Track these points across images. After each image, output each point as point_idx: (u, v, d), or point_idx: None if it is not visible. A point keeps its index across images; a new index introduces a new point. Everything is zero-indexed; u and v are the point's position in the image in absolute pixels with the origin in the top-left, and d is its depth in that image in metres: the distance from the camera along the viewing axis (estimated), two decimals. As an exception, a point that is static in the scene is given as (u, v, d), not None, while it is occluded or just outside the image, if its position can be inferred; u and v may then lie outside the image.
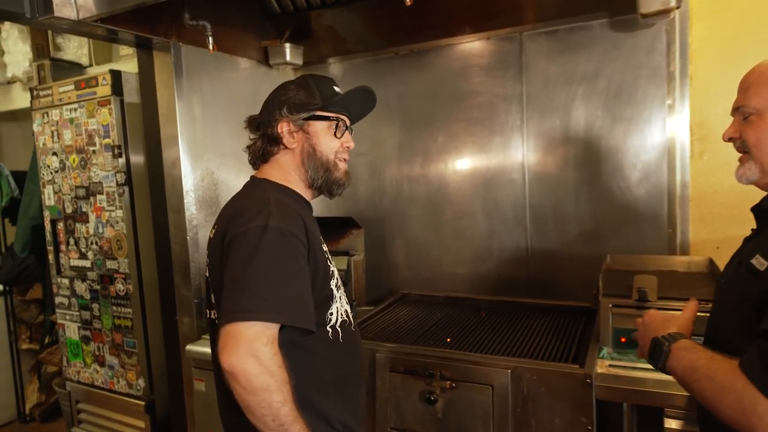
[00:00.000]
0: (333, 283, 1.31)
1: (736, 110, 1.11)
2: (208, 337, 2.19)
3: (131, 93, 2.55)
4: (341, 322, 1.32)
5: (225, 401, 1.29)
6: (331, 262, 1.34)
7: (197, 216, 2.30)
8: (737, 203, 2.09)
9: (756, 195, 2.13)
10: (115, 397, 2.76)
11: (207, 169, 2.36)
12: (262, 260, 1.10)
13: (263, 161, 1.38)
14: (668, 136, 2.16)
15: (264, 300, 1.08)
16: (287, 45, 2.61)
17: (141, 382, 2.64)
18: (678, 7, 1.98)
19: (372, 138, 2.76)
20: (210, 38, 2.11)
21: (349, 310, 1.37)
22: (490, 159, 2.50)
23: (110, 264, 2.66)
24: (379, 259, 2.76)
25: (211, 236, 1.31)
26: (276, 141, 1.33)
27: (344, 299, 1.36)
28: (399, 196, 2.73)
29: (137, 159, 2.57)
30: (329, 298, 1.29)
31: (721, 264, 1.94)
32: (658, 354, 1.11)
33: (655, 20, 2.10)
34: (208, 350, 2.11)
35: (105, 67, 2.76)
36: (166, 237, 2.32)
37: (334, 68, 2.85)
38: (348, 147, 1.39)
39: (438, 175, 2.63)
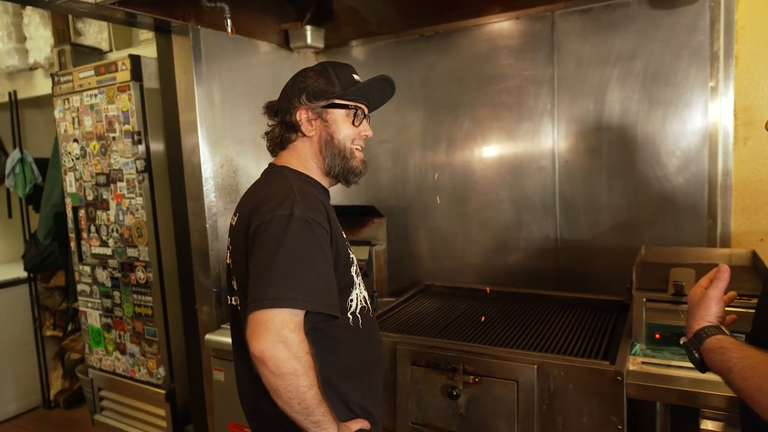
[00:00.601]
0: (353, 269, 1.35)
1: None
2: (227, 326, 2.25)
3: (151, 78, 2.58)
4: (360, 308, 1.36)
5: (248, 385, 1.34)
6: (350, 250, 1.38)
7: (216, 204, 2.33)
8: (784, 193, 2.02)
9: (806, 184, 2.04)
10: (136, 385, 2.84)
11: (226, 156, 2.38)
12: (288, 249, 1.15)
13: (281, 148, 1.41)
14: (710, 121, 2.09)
15: (291, 288, 1.13)
16: (308, 27, 2.60)
17: (161, 371, 2.70)
18: (723, -18, 1.90)
19: (395, 124, 2.74)
20: (228, 20, 2.11)
21: (366, 297, 1.41)
22: (518, 146, 2.46)
23: (131, 252, 2.71)
24: (402, 249, 2.76)
25: (233, 224, 1.35)
26: (294, 128, 1.36)
27: (363, 286, 1.39)
28: (423, 185, 2.71)
29: (157, 146, 2.61)
30: (350, 285, 1.33)
31: (765, 257, 1.88)
32: (692, 360, 1.09)
33: (698, -4, 2.02)
34: (228, 339, 2.15)
35: (124, 52, 2.79)
36: (186, 225, 2.35)
37: (356, 51, 2.83)
38: (366, 135, 1.41)
39: (463, 162, 2.60)
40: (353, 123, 1.36)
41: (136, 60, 2.55)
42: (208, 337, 2.22)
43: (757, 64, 2.02)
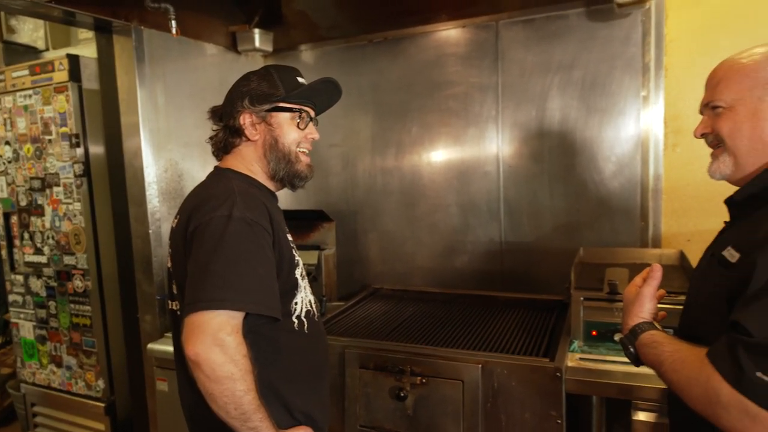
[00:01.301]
0: (298, 272, 1.35)
1: (705, 106, 1.16)
2: (170, 335, 2.21)
3: (90, 79, 2.51)
4: (306, 312, 1.35)
5: (188, 391, 1.31)
6: (295, 252, 1.37)
7: (160, 209, 2.29)
8: (709, 197, 2.16)
9: (728, 188, 2.21)
10: (74, 399, 2.73)
11: (171, 160, 2.34)
12: (227, 249, 1.14)
13: (225, 153, 1.40)
14: (642, 128, 2.22)
15: (229, 289, 1.11)
16: (256, 31, 2.60)
17: (101, 383, 2.61)
18: (652, -2, 2.04)
19: (345, 129, 2.78)
20: (173, 22, 2.09)
21: (313, 301, 1.41)
22: (465, 151, 2.54)
23: (68, 259, 2.62)
24: (352, 253, 2.78)
25: (174, 226, 1.33)
26: (238, 133, 1.35)
27: (308, 289, 1.39)
28: (372, 189, 2.75)
29: (96, 149, 2.53)
30: (294, 288, 1.32)
31: (692, 257, 2.02)
32: (627, 354, 1.17)
33: (631, 10, 2.16)
34: (171, 348, 2.11)
35: (62, 52, 2.70)
36: (127, 231, 2.30)
37: (306, 56, 2.85)
38: (312, 138, 1.41)
39: (412, 167, 2.66)
40: (298, 126, 1.36)
41: (74, 60, 2.48)
42: (151, 346, 2.17)
43: (685, 76, 2.16)
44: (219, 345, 1.08)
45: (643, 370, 1.55)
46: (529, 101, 2.40)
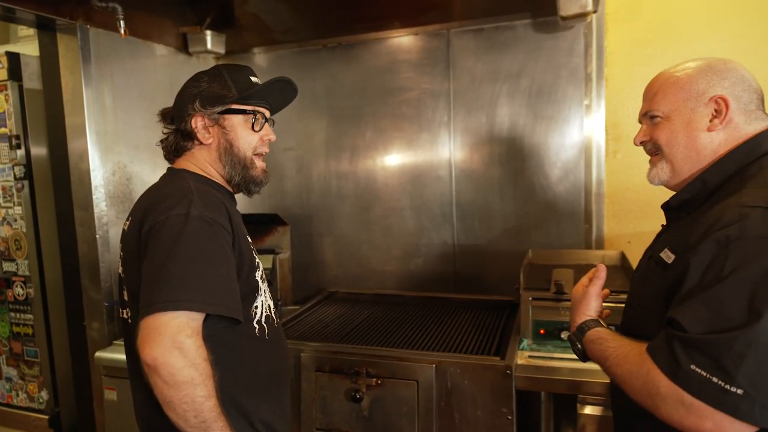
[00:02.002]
0: (258, 274, 1.30)
1: (644, 115, 1.21)
2: (120, 342, 2.13)
3: (32, 78, 2.39)
4: (266, 317, 1.31)
5: (143, 401, 1.24)
6: (256, 254, 1.33)
7: (108, 213, 2.20)
8: (647, 200, 2.27)
9: (664, 193, 2.32)
10: (14, 413, 2.58)
11: (119, 163, 2.26)
12: (184, 249, 1.08)
13: (177, 156, 1.34)
14: (585, 135, 2.31)
15: (188, 289, 1.05)
16: (208, 32, 2.55)
17: (44, 395, 2.48)
18: (595, 11, 2.11)
19: (299, 132, 2.75)
20: (122, 22, 2.02)
21: (272, 305, 1.36)
22: (418, 155, 2.57)
23: (8, 266, 2.48)
24: (307, 257, 2.76)
25: (125, 229, 1.26)
26: (190, 136, 1.29)
27: (268, 293, 1.35)
28: (327, 193, 2.74)
29: (39, 151, 2.41)
30: (255, 290, 1.27)
31: (632, 257, 2.11)
32: (575, 351, 1.21)
33: (574, 23, 2.24)
34: (120, 356, 2.04)
35: (0, 49, 2.56)
36: (73, 236, 2.19)
37: (259, 59, 2.81)
38: (268, 140, 1.36)
39: (366, 171, 2.66)
40: (253, 128, 1.30)
41: (14, 58, 2.35)
42: (99, 354, 2.08)
43: (623, 86, 2.27)
44: (178, 348, 1.01)
45: (589, 366, 1.62)
46: (480, 108, 2.45)
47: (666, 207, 1.21)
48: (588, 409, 1.63)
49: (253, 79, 1.33)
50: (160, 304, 1.03)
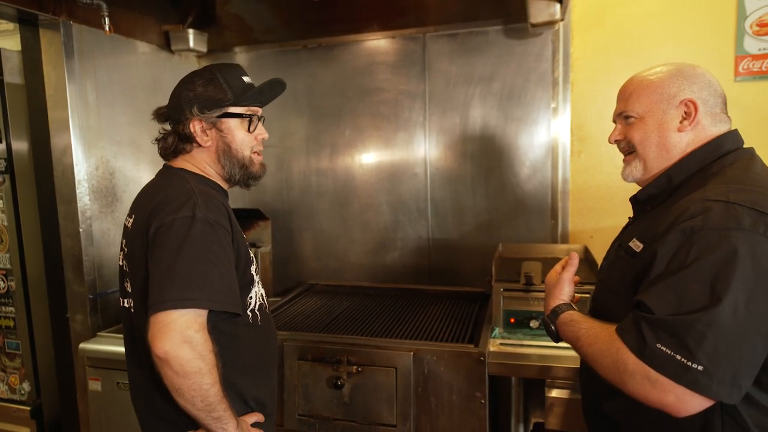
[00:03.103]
0: (253, 268, 1.35)
1: (618, 116, 1.25)
2: (104, 333, 2.10)
3: (13, 73, 2.32)
4: (259, 305, 1.36)
5: (142, 386, 1.30)
6: (250, 249, 1.37)
7: (91, 207, 2.16)
8: (608, 198, 2.35)
9: (624, 191, 2.40)
10: (-5, 404, 2.52)
11: (102, 158, 2.21)
12: (191, 250, 1.13)
13: (175, 156, 1.35)
14: (552, 137, 2.37)
15: (195, 288, 1.11)
16: (190, 31, 2.51)
17: (26, 386, 2.43)
18: (562, 20, 2.17)
19: (280, 130, 2.74)
20: (106, 19, 1.98)
21: (264, 294, 1.41)
22: (395, 154, 2.59)
23: (-12, 259, 2.41)
24: (287, 251, 2.76)
25: (128, 225, 1.29)
26: (189, 139, 1.30)
27: (261, 284, 1.40)
28: (307, 189, 2.74)
29: (20, 145, 2.34)
30: (250, 283, 1.32)
31: (594, 251, 2.18)
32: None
33: (543, 30, 2.29)
34: (104, 347, 2.02)
35: (-21, 43, 2.47)
36: (56, 229, 2.14)
37: (240, 58, 2.78)
38: (263, 139, 1.38)
39: (345, 168, 2.67)
40: (249, 129, 1.33)
41: (-6, 52, 2.28)
42: (83, 346, 2.05)
43: (588, 90, 2.33)
44: (187, 342, 1.08)
45: (556, 352, 1.69)
46: (454, 109, 2.48)
47: (634, 200, 1.26)
48: (555, 392, 1.68)
49: (245, 79, 1.34)
50: (170, 302, 1.09)
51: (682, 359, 0.91)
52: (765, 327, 0.92)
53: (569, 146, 2.36)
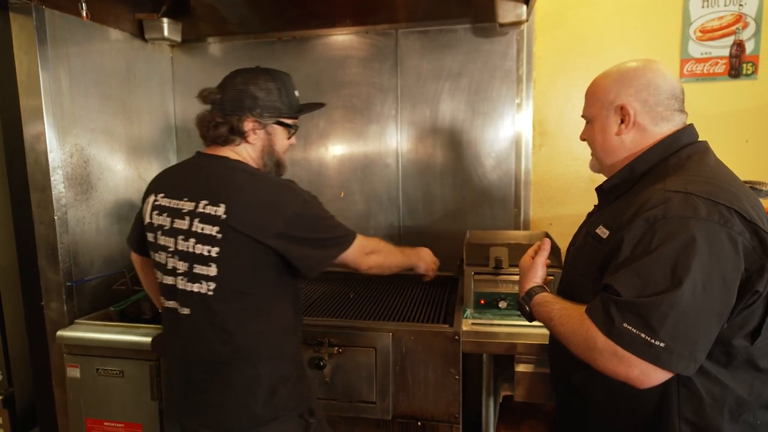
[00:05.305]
0: None
1: (583, 117, 1.30)
2: (83, 321, 2.02)
3: (-21, 57, 2.17)
4: None
5: (225, 366, 1.35)
6: None
7: (66, 195, 2.06)
8: (565, 188, 2.44)
9: (581, 182, 2.49)
10: (-36, 395, 2.38)
11: (76, 145, 2.11)
12: (322, 217, 1.40)
13: (220, 144, 1.40)
14: (516, 131, 2.43)
15: (342, 227, 1.46)
16: (165, 20, 2.41)
17: (-3, 375, 2.30)
18: (526, 21, 2.22)
19: (254, 120, 2.68)
20: (83, 4, 1.87)
21: None
22: (368, 145, 2.59)
23: (-46, 248, 2.26)
24: (262, 238, 2.71)
25: (213, 213, 1.27)
26: (241, 134, 1.38)
27: None
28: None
29: (-12, 131, 2.20)
30: None
31: (554, 237, 2.26)
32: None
33: (509, 30, 2.34)
34: (83, 335, 1.95)
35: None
36: (29, 217, 2.03)
37: (214, 48, 2.70)
38: (291, 144, 1.52)
39: (318, 159, 2.65)
40: (288, 137, 1.48)
41: (-42, 35, 2.12)
42: (61, 333, 1.96)
43: (549, 87, 2.40)
44: (368, 254, 1.56)
45: (522, 330, 1.75)
46: (424, 103, 2.50)
47: (599, 190, 1.31)
48: (522, 367, 1.74)
49: (296, 93, 1.48)
50: (344, 243, 1.43)
51: (646, 337, 0.96)
52: (718, 306, 0.98)
53: (531, 140, 2.43)
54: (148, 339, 1.85)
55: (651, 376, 0.97)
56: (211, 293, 1.28)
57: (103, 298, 2.20)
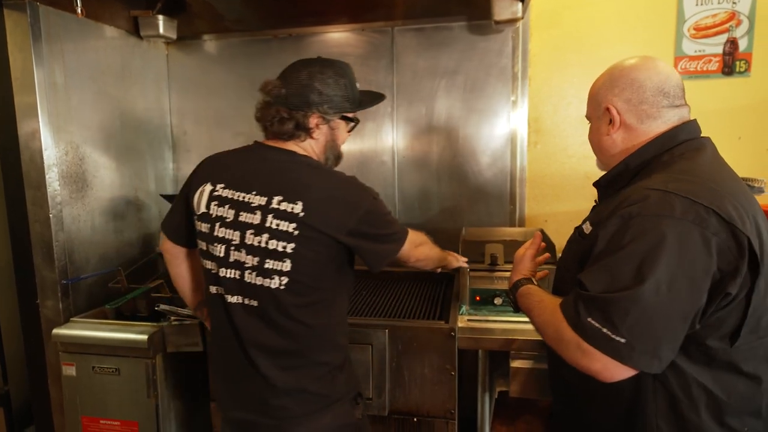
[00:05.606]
0: None
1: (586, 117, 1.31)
2: (78, 319, 2.01)
3: (-28, 54, 2.15)
4: None
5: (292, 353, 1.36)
6: None
7: (61, 193, 2.04)
8: (560, 185, 2.44)
9: (575, 179, 2.49)
10: (-41, 393, 2.37)
11: (72, 143, 2.09)
12: (385, 213, 1.40)
13: (283, 138, 1.36)
14: (511, 128, 2.43)
15: (396, 223, 1.45)
16: (160, 17, 2.40)
17: (-8, 374, 2.29)
18: (522, 18, 2.21)
19: (250, 118, 2.64)
20: (78, 1, 1.86)
21: None
22: (364, 143, 2.58)
23: (-52, 246, 2.24)
24: (258, 235, 2.71)
25: (292, 211, 1.26)
26: (306, 130, 1.35)
27: None
28: (277, 175, 2.69)
29: (-18, 129, 2.18)
30: None
31: (549, 233, 2.26)
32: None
33: (504, 27, 2.33)
34: (79, 333, 1.94)
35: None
36: (24, 215, 2.02)
37: (210, 46, 2.69)
38: (349, 136, 1.50)
39: (315, 155, 2.64)
40: (347, 131, 1.45)
41: (-49, 32, 2.10)
42: (56, 331, 1.95)
43: (544, 85, 2.40)
44: (415, 246, 1.55)
45: (518, 326, 1.75)
46: (420, 100, 2.50)
47: (597, 185, 1.31)
48: (517, 363, 1.75)
49: (358, 85, 1.45)
50: (403, 237, 1.43)
51: (608, 332, 0.95)
52: (685, 308, 0.96)
53: (526, 137, 2.43)
54: (144, 337, 1.85)
55: (613, 370, 0.97)
56: (282, 287, 1.28)
57: (98, 296, 2.19)
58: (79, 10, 1.87)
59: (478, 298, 1.89)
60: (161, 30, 2.41)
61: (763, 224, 1.04)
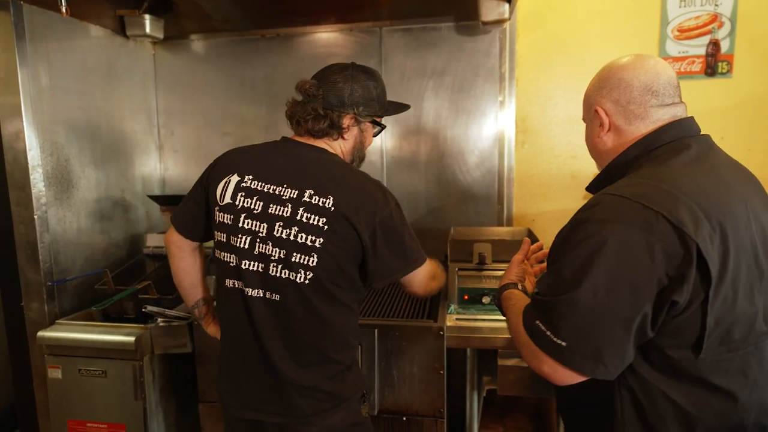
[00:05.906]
0: None
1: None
2: (64, 321, 1.99)
3: (-46, 53, 2.11)
4: None
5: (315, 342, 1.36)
6: None
7: (46, 194, 2.01)
8: (548, 185, 2.46)
9: (561, 179, 2.51)
10: (-58, 397, 2.33)
11: (57, 144, 2.07)
12: (408, 227, 1.36)
13: (315, 136, 1.37)
14: (499, 128, 2.44)
15: (418, 244, 1.40)
16: (147, 16, 2.37)
17: (-24, 377, 2.26)
18: (509, 19, 2.23)
19: (238, 119, 2.66)
20: (63, 0, 1.83)
21: None
22: (353, 142, 2.57)
23: (-70, 248, 2.20)
24: (247, 236, 2.69)
25: (324, 205, 1.27)
26: (338, 130, 1.37)
27: None
28: (266, 176, 2.67)
29: (-36, 129, 2.15)
30: None
31: (536, 233, 2.28)
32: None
33: (491, 28, 2.35)
34: (64, 335, 1.91)
35: None
36: (8, 216, 1.99)
37: (197, 45, 2.67)
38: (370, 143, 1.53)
39: (304, 155, 2.63)
40: (374, 134, 1.49)
41: (-68, 31, 2.06)
42: (42, 334, 1.92)
43: (531, 85, 2.41)
44: (432, 278, 1.45)
45: (505, 325, 1.75)
46: (409, 101, 2.42)
47: (588, 190, 1.30)
48: (505, 361, 1.76)
49: (385, 90, 1.49)
50: (420, 260, 1.36)
51: (551, 335, 0.96)
52: (625, 312, 0.94)
53: (514, 137, 2.44)
54: (132, 338, 1.83)
55: (560, 372, 0.97)
56: (307, 282, 1.28)
57: (85, 298, 2.16)
58: (63, 9, 1.84)
59: (466, 297, 1.90)
60: (148, 30, 2.39)
61: (731, 229, 0.97)
